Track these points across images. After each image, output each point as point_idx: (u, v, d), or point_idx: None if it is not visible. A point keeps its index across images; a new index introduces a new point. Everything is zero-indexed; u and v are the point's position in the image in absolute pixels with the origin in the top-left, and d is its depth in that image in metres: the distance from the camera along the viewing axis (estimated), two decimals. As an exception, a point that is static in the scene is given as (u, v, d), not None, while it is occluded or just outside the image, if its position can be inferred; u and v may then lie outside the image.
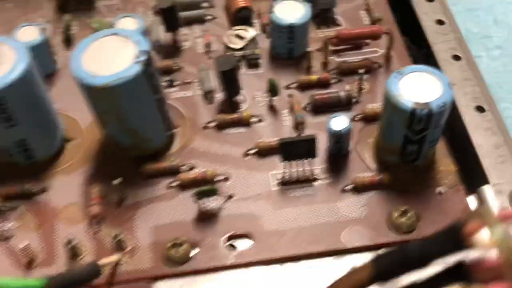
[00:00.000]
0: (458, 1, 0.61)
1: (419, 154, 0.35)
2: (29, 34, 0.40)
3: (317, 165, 0.37)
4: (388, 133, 0.35)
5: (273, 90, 0.39)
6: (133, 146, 0.36)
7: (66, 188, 0.36)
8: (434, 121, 0.33)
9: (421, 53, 0.45)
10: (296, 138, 0.35)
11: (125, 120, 0.34)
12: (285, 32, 0.40)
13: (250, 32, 0.42)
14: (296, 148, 0.35)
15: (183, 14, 0.43)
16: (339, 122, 0.35)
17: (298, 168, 0.36)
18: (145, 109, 0.35)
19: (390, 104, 0.33)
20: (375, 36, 0.41)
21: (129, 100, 0.34)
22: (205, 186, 0.35)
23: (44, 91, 0.36)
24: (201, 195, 0.35)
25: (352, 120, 0.39)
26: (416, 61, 0.43)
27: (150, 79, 0.34)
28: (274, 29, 0.41)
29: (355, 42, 0.42)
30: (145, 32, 0.41)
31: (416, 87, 0.34)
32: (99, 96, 0.33)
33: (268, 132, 0.38)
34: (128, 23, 0.40)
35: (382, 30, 0.41)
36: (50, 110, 0.36)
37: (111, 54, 0.34)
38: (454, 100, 0.37)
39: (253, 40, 0.42)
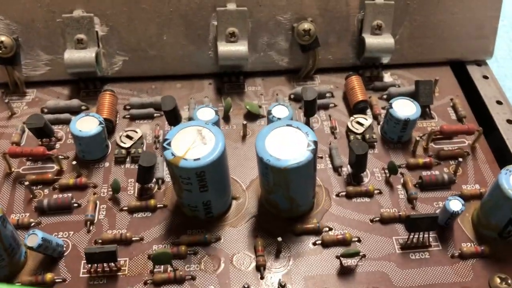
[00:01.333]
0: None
1: (515, 233, 0.33)
2: (206, 113, 0.38)
3: (431, 234, 0.34)
4: (493, 215, 0.33)
5: (393, 169, 0.36)
6: (288, 209, 0.34)
7: (235, 238, 0.34)
8: (537, 211, 0.31)
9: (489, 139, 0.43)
10: (422, 215, 0.32)
11: (289, 190, 0.32)
12: (400, 124, 0.38)
13: (368, 120, 0.40)
14: (421, 223, 0.32)
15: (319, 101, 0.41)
16: (455, 203, 0.33)
17: (416, 235, 0.33)
18: (305, 184, 0.33)
19: (502, 195, 0.31)
20: (469, 132, 0.38)
21: (298, 178, 0.31)
22: (351, 249, 0.32)
23: (227, 162, 0.33)
24: (346, 256, 0.32)
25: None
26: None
27: (314, 162, 0.31)
28: (390, 121, 0.38)
29: (451, 135, 0.39)
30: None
31: (522, 183, 0.31)
32: (278, 174, 0.31)
33: (387, 203, 0.36)
34: (281, 110, 0.38)
35: (475, 129, 0.38)
36: (228, 176, 0.34)
37: (287, 141, 0.31)
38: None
39: (370, 127, 0.40)
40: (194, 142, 0.31)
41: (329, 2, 0.43)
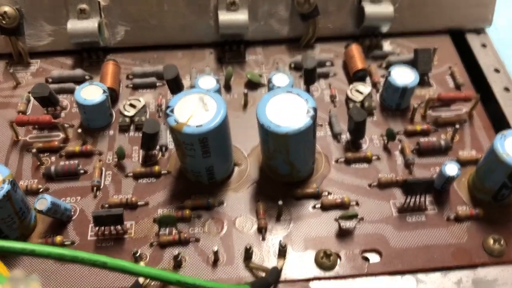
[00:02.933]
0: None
1: (508, 196, 0.34)
2: (207, 82, 0.38)
3: (427, 198, 0.35)
4: (487, 179, 0.33)
5: (391, 136, 0.37)
6: (289, 174, 0.35)
7: (237, 203, 0.35)
8: (530, 175, 0.32)
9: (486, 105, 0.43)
10: (418, 179, 0.33)
11: (289, 156, 0.33)
12: (399, 92, 0.38)
13: (367, 88, 0.40)
14: (417, 186, 0.33)
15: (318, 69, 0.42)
16: (451, 168, 0.34)
17: (413, 199, 0.34)
18: (305, 149, 0.33)
19: (496, 159, 0.32)
20: (466, 99, 0.39)
21: (298, 144, 0.32)
22: (349, 212, 0.33)
23: (229, 128, 0.34)
24: (344, 218, 0.33)
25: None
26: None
27: (314, 128, 0.32)
28: (389, 88, 0.39)
29: (449, 102, 0.40)
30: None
31: (516, 147, 0.32)
32: (278, 140, 0.32)
33: (385, 169, 0.37)
34: (281, 78, 0.39)
35: (472, 96, 0.39)
36: (230, 142, 0.35)
37: (287, 108, 0.32)
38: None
39: (368, 94, 0.40)
40: (196, 109, 0.32)
41: (328, -30, 0.43)
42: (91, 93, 0.37)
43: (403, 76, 0.39)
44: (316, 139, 0.34)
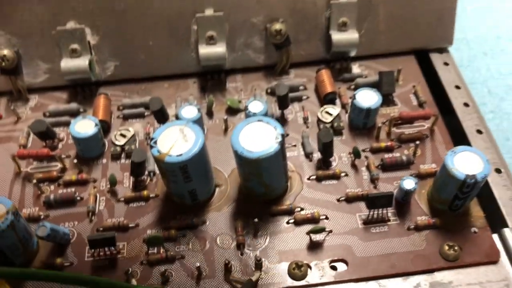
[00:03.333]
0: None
1: (462, 206, 0.37)
2: (189, 111, 0.42)
3: (389, 210, 0.38)
4: (442, 191, 0.37)
5: (357, 154, 0.41)
6: (264, 194, 0.38)
7: (218, 221, 0.38)
8: (477, 187, 0.35)
9: (446, 120, 0.47)
10: (379, 194, 0.36)
11: (263, 178, 0.37)
12: (364, 113, 0.42)
13: (336, 110, 0.44)
14: (378, 201, 0.37)
15: (290, 94, 0.45)
16: (409, 183, 0.37)
17: (376, 211, 0.38)
18: (277, 171, 0.37)
19: (447, 173, 0.35)
20: (426, 117, 0.43)
21: (269, 167, 0.36)
22: (317, 226, 0.37)
23: (208, 155, 0.38)
24: (314, 232, 0.37)
25: (410, 175, 0.40)
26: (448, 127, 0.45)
27: (282, 151, 0.36)
28: (355, 110, 0.42)
29: (411, 120, 0.43)
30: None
31: (465, 162, 0.35)
32: (250, 164, 0.35)
33: (353, 184, 0.40)
34: (257, 105, 0.42)
35: (431, 113, 0.43)
36: (210, 166, 0.38)
37: (258, 135, 0.36)
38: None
39: (337, 115, 0.44)
40: (177, 140, 0.36)
41: (297, 3, 0.46)
42: (84, 126, 0.41)
43: (367, 98, 0.42)
44: (286, 160, 0.38)
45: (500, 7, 0.72)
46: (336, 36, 0.46)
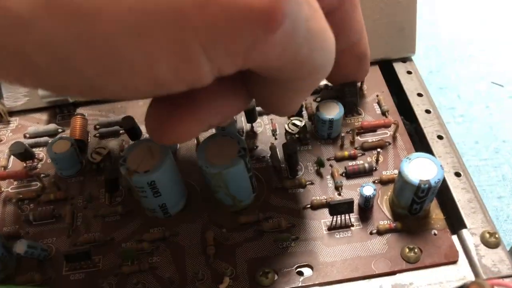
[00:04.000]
0: (432, 82, 0.64)
1: (420, 209, 0.38)
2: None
3: (352, 215, 0.40)
4: (401, 196, 0.38)
5: (320, 163, 0.42)
6: (232, 205, 0.40)
7: (190, 233, 0.40)
8: (432, 191, 0.36)
9: (412, 126, 0.48)
10: (340, 201, 0.38)
11: (229, 190, 0.38)
12: (327, 124, 0.43)
13: (302, 122, 0.46)
14: (340, 207, 0.38)
15: (257, 108, 0.47)
16: (368, 189, 0.39)
17: (339, 217, 0.39)
18: (242, 184, 0.38)
19: (403, 180, 0.37)
20: (387, 126, 0.44)
21: (233, 180, 0.37)
22: (283, 234, 0.38)
23: (176, 170, 0.39)
24: (279, 240, 0.38)
25: (373, 182, 0.42)
26: (408, 134, 0.46)
27: (246, 165, 0.37)
28: (318, 121, 0.44)
29: (372, 128, 0.45)
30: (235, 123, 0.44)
31: (420, 168, 0.37)
32: (215, 178, 0.37)
33: (318, 192, 0.42)
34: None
35: (391, 122, 0.44)
36: (181, 181, 0.40)
37: (222, 149, 0.37)
38: (442, 171, 0.40)
39: (303, 126, 0.45)
40: (145, 157, 0.37)
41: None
42: (61, 146, 0.43)
43: (330, 109, 0.44)
44: (252, 173, 0.39)
45: (469, 13, 0.74)
46: (301, 51, 0.48)
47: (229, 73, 0.23)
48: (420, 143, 0.46)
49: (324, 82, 0.50)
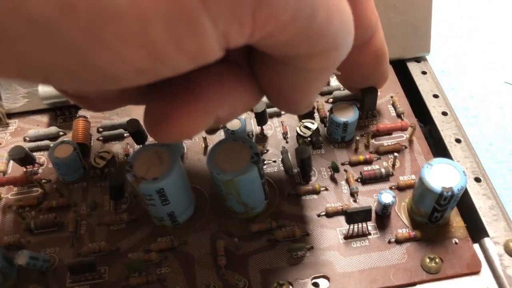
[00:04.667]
0: (444, 81, 0.62)
1: (441, 217, 0.37)
2: (167, 132, 0.42)
3: (369, 223, 0.38)
4: (421, 203, 0.36)
5: (335, 168, 0.40)
6: (244, 212, 0.38)
7: (199, 242, 0.38)
8: (454, 199, 0.35)
9: (427, 129, 0.46)
10: (357, 209, 0.36)
11: (241, 197, 0.36)
12: (341, 127, 0.42)
13: (314, 124, 0.44)
14: (357, 215, 0.36)
15: (267, 110, 0.45)
16: (386, 196, 0.37)
17: (356, 226, 0.37)
18: (255, 190, 0.36)
19: (424, 187, 0.35)
20: (403, 129, 0.42)
21: (246, 187, 0.35)
22: (296, 244, 0.36)
23: (185, 176, 0.37)
24: (293, 250, 0.36)
25: (390, 188, 0.40)
26: (425, 137, 0.44)
27: (259, 171, 0.35)
28: (332, 124, 0.42)
29: (388, 132, 0.43)
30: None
31: (441, 175, 0.35)
32: (227, 185, 0.35)
33: (333, 198, 0.40)
34: (234, 123, 0.42)
35: (408, 125, 0.42)
36: (188, 187, 0.38)
37: (234, 155, 0.35)
38: (463, 177, 0.38)
39: (316, 129, 0.43)
40: (152, 163, 0.35)
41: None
42: (63, 151, 0.41)
43: (344, 112, 0.42)
44: (264, 179, 0.37)
45: (480, 9, 0.72)
46: (313, 50, 0.46)
47: (237, 45, 0.20)
48: (435, 146, 0.44)
49: (335, 82, 0.48)
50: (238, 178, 0.34)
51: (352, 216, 0.36)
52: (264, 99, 0.29)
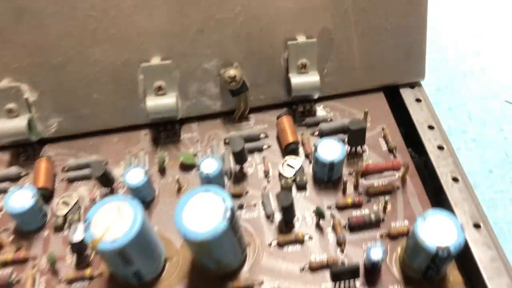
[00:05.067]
0: (440, 101, 0.58)
1: (437, 274, 0.33)
2: (135, 176, 0.38)
3: (357, 279, 0.34)
4: (413, 259, 0.33)
5: (320, 215, 0.37)
6: (218, 269, 0.34)
7: (169, 301, 0.34)
8: (451, 257, 0.31)
9: (421, 160, 0.43)
10: (343, 268, 0.32)
11: (214, 255, 0.32)
12: (327, 167, 0.38)
13: (298, 161, 0.40)
14: (343, 275, 0.33)
15: (247, 145, 0.41)
16: (376, 252, 0.33)
17: (342, 283, 0.34)
18: (228, 249, 0.33)
19: (417, 244, 0.31)
20: (395, 169, 0.38)
21: (218, 245, 0.31)
22: (276, 307, 0.33)
23: (152, 231, 0.33)
24: (273, 313, 0.33)
25: (380, 237, 0.36)
26: (417, 167, 0.41)
27: (233, 227, 0.32)
28: (317, 163, 0.38)
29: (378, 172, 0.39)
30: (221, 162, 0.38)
31: (437, 229, 0.31)
32: (197, 246, 0.31)
33: (317, 249, 0.36)
34: (210, 164, 0.38)
35: (400, 164, 0.38)
36: (156, 242, 0.34)
37: (205, 209, 0.31)
38: (461, 226, 0.34)
39: (300, 169, 0.40)
40: (113, 220, 0.31)
41: (252, 45, 0.42)
42: (21, 198, 0.37)
43: (330, 150, 0.38)
44: (240, 232, 0.34)
45: (477, 22, 0.68)
46: (296, 80, 0.42)
47: None
48: (430, 180, 0.40)
49: (322, 112, 0.44)
50: (209, 239, 0.30)
51: (338, 275, 0.32)
52: (247, 131, 0.26)
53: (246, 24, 0.41)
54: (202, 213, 0.31)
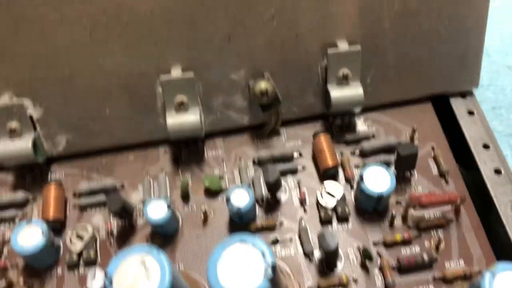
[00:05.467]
0: (483, 99, 0.53)
1: (502, 330, 0.29)
2: (157, 210, 0.33)
3: (410, 332, 0.31)
4: (477, 316, 0.29)
5: (368, 257, 0.33)
6: (254, 321, 0.31)
7: None
8: (524, 319, 0.27)
9: (470, 174, 0.38)
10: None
11: (251, 312, 0.29)
12: (374, 199, 0.34)
13: (339, 189, 0.36)
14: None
15: (279, 166, 0.37)
16: (435, 308, 0.29)
17: (394, 336, 0.30)
18: (268, 304, 0.29)
19: (486, 304, 0.27)
20: (451, 202, 0.34)
21: (257, 306, 0.28)
22: None
23: (179, 280, 0.29)
24: None
25: (433, 280, 0.32)
26: (467, 185, 0.36)
27: (274, 284, 0.28)
28: (363, 195, 0.34)
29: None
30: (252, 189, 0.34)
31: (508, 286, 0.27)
32: (233, 308, 0.27)
33: (363, 294, 0.32)
34: (240, 195, 0.34)
35: (457, 197, 0.34)
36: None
37: (242, 265, 0.27)
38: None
39: (342, 198, 0.35)
40: (138, 277, 0.27)
41: (286, 52, 0.37)
42: (29, 235, 0.33)
43: (378, 179, 0.33)
44: (279, 283, 0.30)
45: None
46: (336, 93, 0.37)
47: None
48: (488, 218, 0.36)
49: (363, 126, 0.40)
50: (248, 301, 0.26)
51: (391, 334, 0.29)
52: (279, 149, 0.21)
53: (280, 29, 0.36)
54: (238, 269, 0.27)
